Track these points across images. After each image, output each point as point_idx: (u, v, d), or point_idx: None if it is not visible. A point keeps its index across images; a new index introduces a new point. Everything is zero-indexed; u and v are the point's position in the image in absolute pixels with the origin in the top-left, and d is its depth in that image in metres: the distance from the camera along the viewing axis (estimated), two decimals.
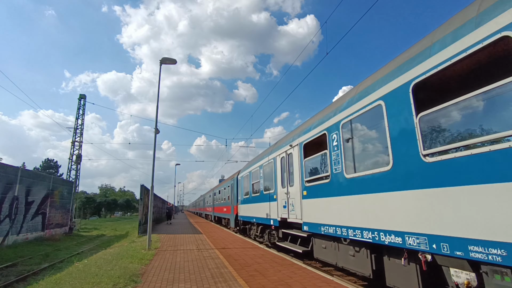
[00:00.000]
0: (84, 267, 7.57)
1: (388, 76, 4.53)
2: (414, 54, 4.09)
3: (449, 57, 3.43)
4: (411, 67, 4.03)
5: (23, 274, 9.53)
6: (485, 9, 3.15)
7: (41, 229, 18.47)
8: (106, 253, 10.93)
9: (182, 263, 7.76)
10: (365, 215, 4.82)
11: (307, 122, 7.90)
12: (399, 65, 4.34)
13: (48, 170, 60.84)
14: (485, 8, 3.14)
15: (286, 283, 5.54)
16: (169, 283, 5.74)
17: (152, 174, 11.44)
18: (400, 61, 4.40)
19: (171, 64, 12.22)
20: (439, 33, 3.79)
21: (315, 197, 6.80)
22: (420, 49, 4.00)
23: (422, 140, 3.74)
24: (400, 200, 4.05)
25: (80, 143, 30.60)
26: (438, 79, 3.79)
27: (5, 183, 14.73)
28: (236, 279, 5.90)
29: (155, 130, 12.22)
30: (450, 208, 3.29)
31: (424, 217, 3.64)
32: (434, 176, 3.53)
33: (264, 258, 8.29)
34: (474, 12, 3.30)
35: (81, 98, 31.42)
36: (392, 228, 4.17)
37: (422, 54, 3.91)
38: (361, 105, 5.08)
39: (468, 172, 3.12)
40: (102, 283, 5.59)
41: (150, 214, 11.39)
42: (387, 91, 4.43)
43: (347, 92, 6.29)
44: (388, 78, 4.50)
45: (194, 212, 72.26)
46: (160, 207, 33.58)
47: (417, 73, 3.89)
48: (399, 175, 4.11)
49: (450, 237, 3.25)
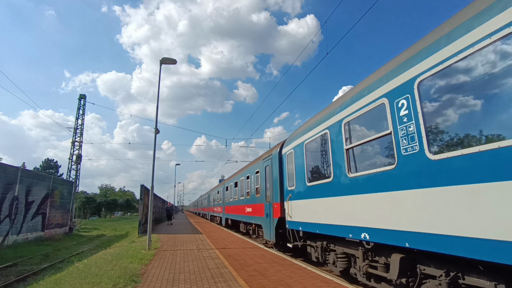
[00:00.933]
0: (84, 267, 7.57)
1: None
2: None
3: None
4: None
5: (23, 274, 9.52)
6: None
7: (41, 229, 18.46)
8: (106, 253, 10.93)
9: (182, 263, 7.76)
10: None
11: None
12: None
13: (48, 170, 60.84)
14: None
15: (286, 283, 5.53)
16: (169, 283, 5.74)
17: (152, 174, 11.44)
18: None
19: (171, 64, 12.23)
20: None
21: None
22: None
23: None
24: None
25: (80, 143, 30.61)
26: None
27: (5, 183, 14.73)
28: (236, 279, 5.90)
29: (155, 130, 12.22)
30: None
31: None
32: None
33: (264, 258, 8.28)
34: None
35: (81, 98, 31.42)
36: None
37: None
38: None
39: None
40: (102, 283, 5.59)
41: (150, 214, 11.39)
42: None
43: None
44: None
45: (195, 212, 67.96)
46: (160, 207, 33.58)
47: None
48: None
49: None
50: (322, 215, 6.35)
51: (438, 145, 3.61)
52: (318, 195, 6.60)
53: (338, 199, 5.69)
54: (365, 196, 4.81)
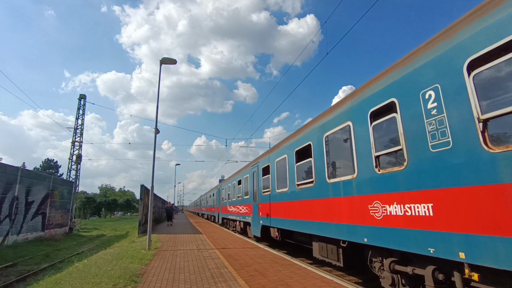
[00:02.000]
0: (84, 267, 7.57)
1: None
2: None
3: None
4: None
5: (23, 274, 9.53)
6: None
7: (41, 229, 18.47)
8: (106, 253, 10.93)
9: (182, 263, 7.76)
10: None
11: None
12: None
13: (48, 170, 60.85)
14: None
15: (286, 283, 5.53)
16: (169, 283, 5.74)
17: (152, 174, 11.44)
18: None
19: (171, 64, 12.22)
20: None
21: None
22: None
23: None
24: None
25: (80, 143, 30.61)
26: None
27: (5, 183, 14.73)
28: (236, 279, 5.90)
29: (155, 130, 12.21)
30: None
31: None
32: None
33: (264, 258, 8.28)
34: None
35: (81, 98, 31.42)
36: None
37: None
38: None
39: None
40: (102, 283, 5.59)
41: (150, 214, 11.39)
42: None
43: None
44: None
45: (196, 213, 64.93)
46: (160, 207, 33.57)
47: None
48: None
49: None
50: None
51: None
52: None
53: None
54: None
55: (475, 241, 3.14)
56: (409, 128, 4.11)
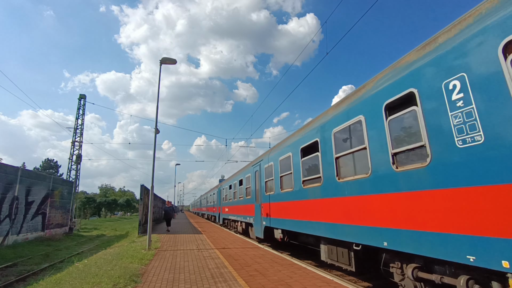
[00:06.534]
0: (84, 267, 7.57)
1: None
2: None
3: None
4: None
5: (23, 274, 9.52)
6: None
7: (41, 229, 18.47)
8: (106, 253, 10.93)
9: (182, 263, 7.76)
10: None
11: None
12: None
13: (48, 170, 60.84)
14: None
15: (286, 283, 5.53)
16: (169, 283, 5.73)
17: (152, 174, 11.43)
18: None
19: (171, 64, 12.21)
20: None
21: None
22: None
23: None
24: None
25: (80, 143, 30.61)
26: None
27: (5, 183, 14.73)
28: (236, 279, 5.89)
29: (155, 130, 12.21)
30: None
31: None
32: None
33: (264, 258, 8.28)
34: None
35: (81, 98, 31.43)
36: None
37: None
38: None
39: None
40: (102, 283, 5.59)
41: (150, 214, 11.39)
42: None
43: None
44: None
45: (196, 212, 62.47)
46: (160, 207, 33.57)
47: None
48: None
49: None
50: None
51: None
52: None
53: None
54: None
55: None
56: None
